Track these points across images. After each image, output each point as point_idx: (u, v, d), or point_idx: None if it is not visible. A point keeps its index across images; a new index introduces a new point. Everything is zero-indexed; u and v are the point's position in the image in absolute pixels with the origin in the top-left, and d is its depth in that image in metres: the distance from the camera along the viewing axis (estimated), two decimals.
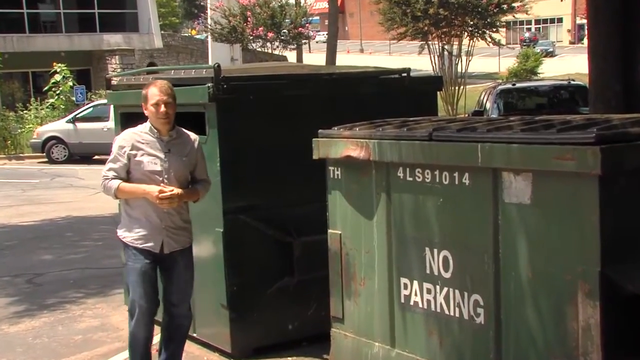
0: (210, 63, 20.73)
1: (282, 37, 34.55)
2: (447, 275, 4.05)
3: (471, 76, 36.64)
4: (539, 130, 3.70)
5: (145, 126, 4.79)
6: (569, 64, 47.63)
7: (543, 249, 3.54)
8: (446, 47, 30.03)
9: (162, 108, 4.68)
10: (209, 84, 5.39)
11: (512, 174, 3.64)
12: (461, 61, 29.57)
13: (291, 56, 39.32)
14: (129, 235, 4.77)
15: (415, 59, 37.92)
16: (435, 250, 4.10)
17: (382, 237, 4.42)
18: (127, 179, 4.71)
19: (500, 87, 15.87)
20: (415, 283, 4.25)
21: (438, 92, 6.61)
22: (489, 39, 30.96)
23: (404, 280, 4.33)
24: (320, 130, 4.80)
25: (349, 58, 55.30)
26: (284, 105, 5.68)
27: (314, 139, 4.77)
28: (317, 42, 68.46)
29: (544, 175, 3.49)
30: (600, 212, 3.30)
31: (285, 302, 5.64)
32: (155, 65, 33.52)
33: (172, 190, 4.63)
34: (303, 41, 38.38)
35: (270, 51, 34.68)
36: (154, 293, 4.76)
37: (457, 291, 4.00)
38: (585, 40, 10.41)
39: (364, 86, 6.17)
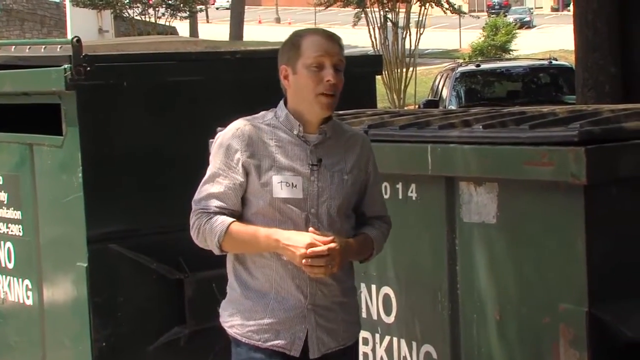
0: (68, 36, 20.43)
1: (170, 2, 34.38)
2: (389, 319, 4.09)
3: (423, 55, 37.11)
4: (508, 126, 3.77)
5: (277, 114, 3.56)
6: (550, 37, 48.68)
7: (514, 283, 3.60)
8: (389, 16, 30.32)
9: (331, 74, 3.40)
10: (66, 66, 5.32)
11: (472, 185, 3.70)
12: (410, 35, 29.90)
13: (182, 28, 39.18)
14: (242, 322, 3.51)
15: (349, 32, 38.22)
16: (373, 287, 4.13)
17: None
18: (241, 213, 3.51)
19: (461, 69, 16.15)
20: None
21: (378, 76, 6.67)
22: (445, 5, 31.39)
23: None
24: (219, 129, 4.79)
25: (261, 30, 55.39)
26: (170, 95, 5.65)
27: (210, 141, 4.76)
28: (217, 8, 68.51)
29: (514, 185, 3.55)
30: (586, 233, 3.37)
31: None
32: None
33: (331, 243, 3.33)
34: (198, 7, 38.27)
35: (153, 20, 34.47)
36: None
37: (402, 341, 4.04)
38: (572, 7, 10.64)
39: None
